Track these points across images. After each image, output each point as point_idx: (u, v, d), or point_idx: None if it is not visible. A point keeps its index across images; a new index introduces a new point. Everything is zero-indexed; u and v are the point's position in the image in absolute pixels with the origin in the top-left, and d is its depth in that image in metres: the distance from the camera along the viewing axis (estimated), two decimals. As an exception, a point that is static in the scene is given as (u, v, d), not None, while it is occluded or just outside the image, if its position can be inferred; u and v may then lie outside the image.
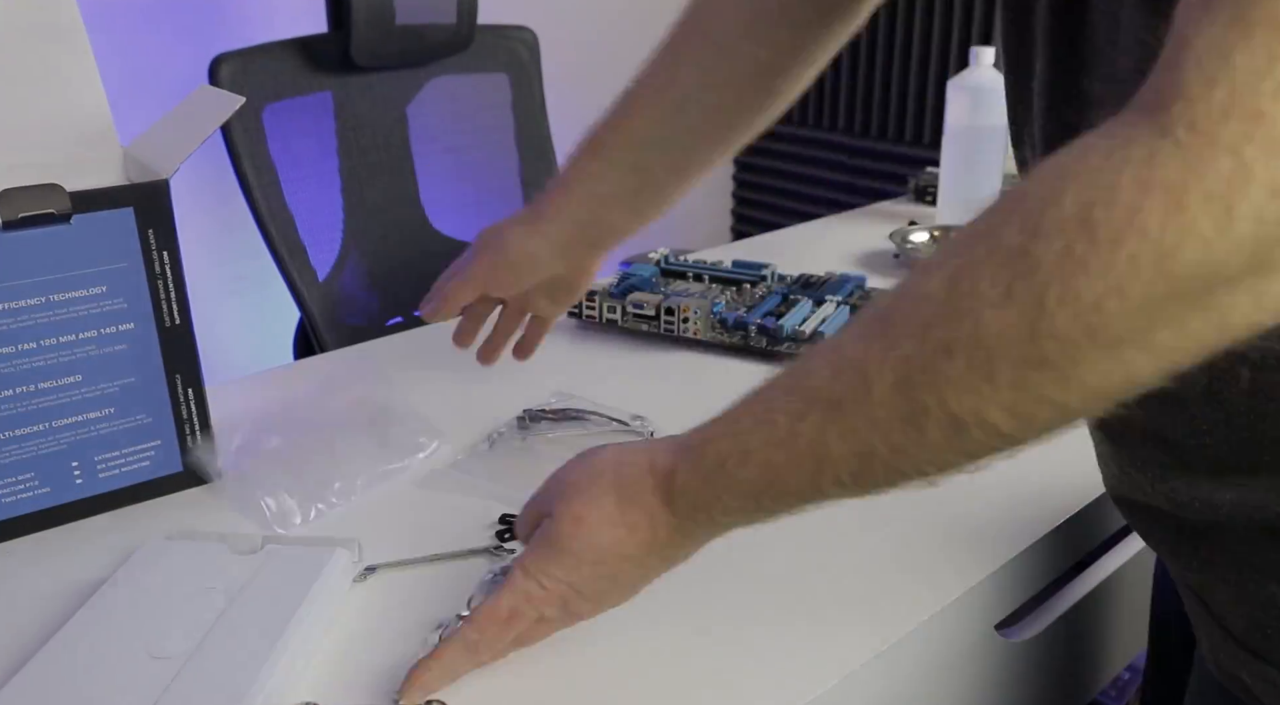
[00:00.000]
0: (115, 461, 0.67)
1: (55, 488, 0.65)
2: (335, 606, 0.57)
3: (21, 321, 0.61)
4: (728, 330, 0.91)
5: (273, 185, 1.19)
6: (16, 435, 0.62)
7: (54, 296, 0.62)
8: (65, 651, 0.52)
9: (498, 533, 0.64)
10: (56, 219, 0.60)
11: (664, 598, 0.58)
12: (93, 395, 0.65)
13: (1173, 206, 0.30)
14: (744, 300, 0.98)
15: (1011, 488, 0.70)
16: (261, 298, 1.55)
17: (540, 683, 0.52)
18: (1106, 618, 0.79)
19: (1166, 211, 0.30)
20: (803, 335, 0.88)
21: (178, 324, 0.67)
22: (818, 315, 0.92)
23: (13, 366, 0.61)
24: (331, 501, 0.67)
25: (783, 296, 0.97)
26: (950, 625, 0.59)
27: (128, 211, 0.63)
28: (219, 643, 0.52)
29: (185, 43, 1.63)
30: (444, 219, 1.36)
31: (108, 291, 0.64)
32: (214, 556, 0.59)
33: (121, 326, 0.65)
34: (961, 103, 1.23)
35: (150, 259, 0.64)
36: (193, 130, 0.65)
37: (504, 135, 1.41)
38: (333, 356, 0.97)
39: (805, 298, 0.96)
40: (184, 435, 0.69)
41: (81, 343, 0.63)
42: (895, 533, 0.64)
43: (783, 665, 0.53)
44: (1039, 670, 0.73)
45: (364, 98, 1.28)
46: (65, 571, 0.61)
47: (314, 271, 1.22)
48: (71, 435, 0.65)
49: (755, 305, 0.96)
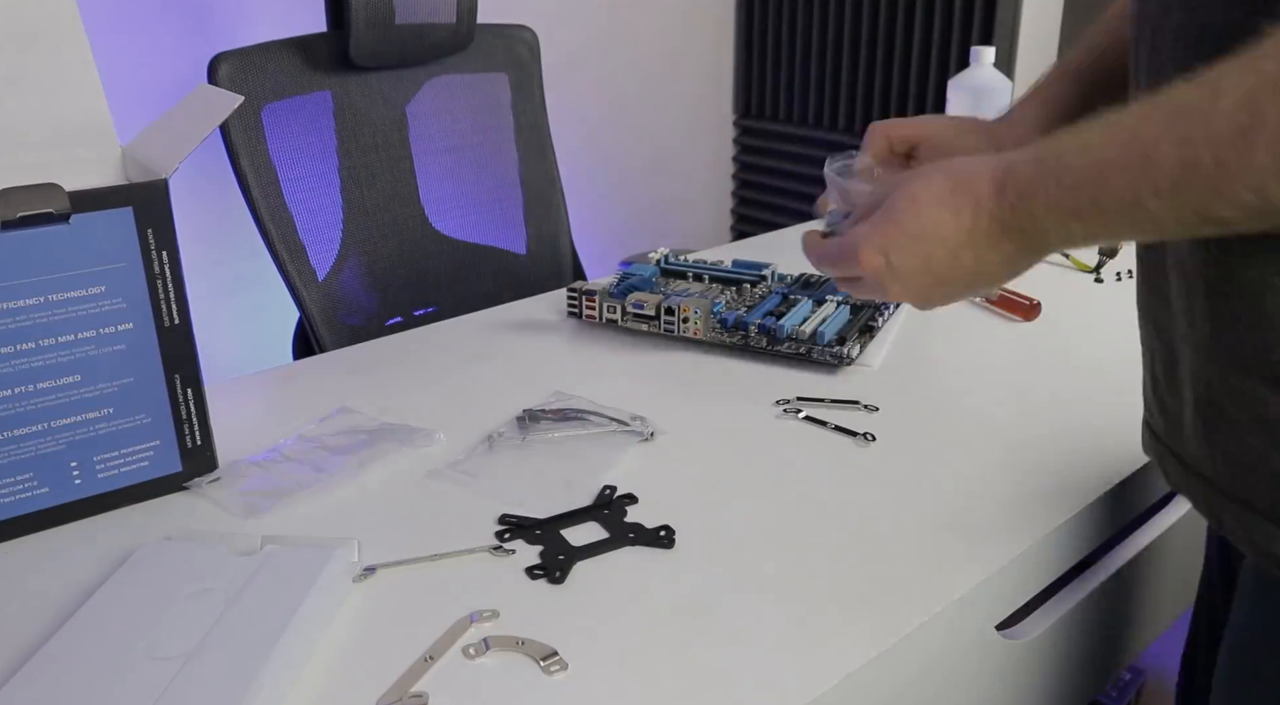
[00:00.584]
0: (114, 462, 0.67)
1: (54, 488, 0.65)
2: (334, 607, 0.57)
3: (20, 322, 0.61)
4: (727, 330, 0.91)
5: (272, 185, 1.19)
6: (15, 435, 0.62)
7: (53, 296, 0.62)
8: (64, 652, 0.51)
9: (497, 533, 0.64)
10: (55, 218, 0.60)
11: (664, 598, 0.58)
12: (92, 395, 0.65)
13: None
14: (744, 300, 0.98)
15: (1012, 488, 0.70)
16: (261, 297, 1.54)
17: (541, 682, 0.52)
18: (1107, 618, 0.79)
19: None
20: (803, 334, 0.88)
21: (177, 324, 0.66)
22: (818, 315, 0.92)
23: (11, 366, 0.61)
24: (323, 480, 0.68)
25: (783, 296, 0.97)
26: (950, 625, 0.59)
27: (127, 211, 0.63)
28: (218, 643, 0.52)
29: (184, 42, 1.63)
30: (444, 219, 1.36)
31: (107, 291, 0.63)
32: (213, 557, 0.59)
33: (120, 326, 0.65)
34: (961, 103, 1.23)
35: (149, 259, 0.64)
36: (192, 129, 0.65)
37: (504, 135, 1.41)
38: (332, 356, 0.96)
39: (805, 297, 0.96)
40: (183, 435, 0.69)
41: (80, 343, 0.63)
42: (895, 533, 0.64)
43: (783, 665, 0.53)
44: (1039, 670, 0.73)
45: (363, 97, 1.27)
46: (65, 571, 0.61)
47: (313, 271, 1.22)
48: (70, 435, 0.64)
49: (755, 305, 0.96)
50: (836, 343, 0.87)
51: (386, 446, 0.74)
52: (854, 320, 0.93)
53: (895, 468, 0.72)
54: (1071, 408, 0.81)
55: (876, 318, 0.94)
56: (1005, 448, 0.75)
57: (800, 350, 0.88)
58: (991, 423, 0.79)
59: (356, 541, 0.61)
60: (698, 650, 0.54)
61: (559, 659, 0.53)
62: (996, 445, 0.75)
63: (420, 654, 0.53)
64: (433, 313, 1.34)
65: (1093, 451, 0.74)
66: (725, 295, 0.99)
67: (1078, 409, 0.81)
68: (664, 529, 0.64)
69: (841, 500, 0.68)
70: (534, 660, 0.53)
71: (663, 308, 0.92)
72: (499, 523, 0.65)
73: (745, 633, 0.55)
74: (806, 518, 0.66)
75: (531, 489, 0.69)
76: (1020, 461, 0.73)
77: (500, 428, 0.77)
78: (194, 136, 0.65)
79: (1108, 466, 0.72)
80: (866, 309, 0.95)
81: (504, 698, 0.51)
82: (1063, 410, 0.80)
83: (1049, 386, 0.85)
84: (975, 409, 0.80)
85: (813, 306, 0.94)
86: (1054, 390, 0.84)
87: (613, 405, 0.79)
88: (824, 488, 0.70)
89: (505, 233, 1.42)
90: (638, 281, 1.01)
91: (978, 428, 0.78)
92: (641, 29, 2.28)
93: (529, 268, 1.43)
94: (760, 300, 0.97)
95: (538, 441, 0.75)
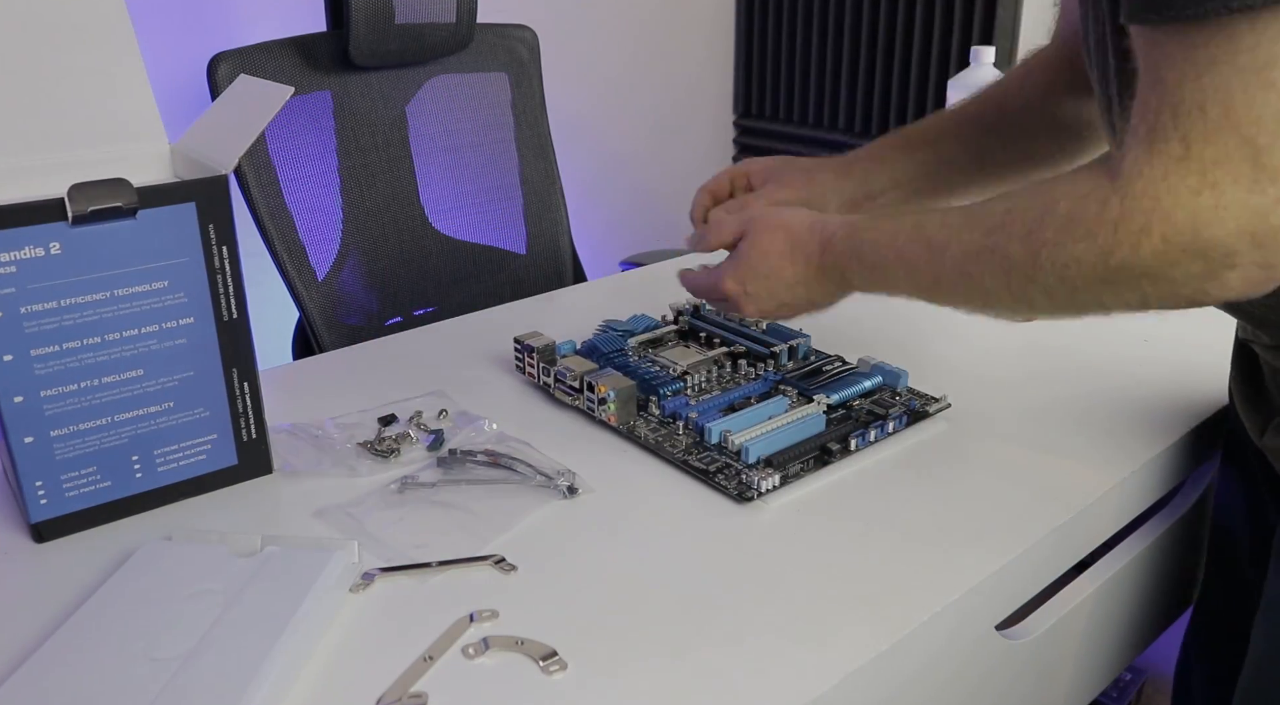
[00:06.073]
0: (174, 455, 0.67)
1: (116, 481, 0.65)
2: (334, 607, 0.57)
3: (87, 316, 0.61)
4: (654, 421, 0.76)
5: (272, 184, 1.19)
6: (80, 430, 0.63)
7: (118, 291, 0.62)
8: (63, 652, 0.51)
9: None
10: (123, 213, 0.61)
11: (665, 598, 0.58)
12: (153, 389, 0.65)
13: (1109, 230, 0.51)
14: (733, 380, 0.82)
15: (1011, 487, 0.70)
16: (260, 297, 1.54)
17: (540, 682, 0.52)
18: (1107, 618, 0.79)
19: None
20: (729, 445, 0.71)
21: (235, 318, 0.67)
22: (776, 421, 0.73)
23: (78, 361, 0.62)
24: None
25: (772, 385, 0.80)
26: (950, 625, 0.59)
27: (190, 207, 0.63)
28: (216, 644, 0.52)
29: (184, 42, 1.63)
30: (443, 218, 1.36)
31: (169, 286, 0.64)
32: (213, 557, 0.59)
33: (182, 321, 0.65)
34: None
35: (210, 254, 0.65)
36: (246, 123, 0.66)
37: (504, 134, 1.41)
38: (332, 356, 0.96)
39: (796, 389, 0.79)
40: (239, 429, 0.69)
41: (143, 337, 0.64)
42: (896, 533, 0.64)
43: (783, 665, 0.53)
44: (1039, 670, 0.73)
45: (363, 97, 1.27)
46: (65, 571, 0.61)
47: (313, 271, 1.22)
48: (133, 429, 0.65)
49: (727, 390, 0.80)
50: (759, 467, 0.69)
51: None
52: (814, 438, 0.72)
53: (895, 467, 0.72)
54: (1071, 407, 0.81)
55: (850, 440, 0.72)
56: (1004, 447, 0.75)
57: (710, 466, 0.70)
58: (991, 422, 0.78)
59: (355, 544, 0.61)
60: (698, 650, 0.54)
61: (559, 659, 0.53)
62: (995, 445, 0.75)
63: (419, 654, 0.53)
64: (433, 313, 1.34)
65: (1092, 451, 0.74)
66: (714, 372, 0.83)
67: (1077, 408, 0.81)
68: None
69: (842, 500, 0.68)
70: (533, 660, 0.53)
71: (585, 382, 0.78)
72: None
73: (745, 632, 0.55)
74: (805, 517, 0.66)
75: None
76: (1020, 461, 0.73)
77: (422, 468, 0.72)
78: (250, 130, 0.65)
79: (1107, 466, 0.72)
80: (848, 423, 0.75)
81: (503, 698, 0.51)
82: (1062, 410, 0.80)
83: (1049, 386, 0.85)
84: (974, 408, 0.80)
85: (788, 405, 0.76)
86: (1054, 390, 0.84)
87: (550, 454, 0.73)
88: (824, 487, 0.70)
89: (505, 233, 1.42)
90: (616, 338, 0.87)
91: (976, 427, 0.78)
92: (641, 29, 2.28)
93: (529, 268, 1.43)
94: (741, 383, 0.81)
95: (449, 484, 0.70)
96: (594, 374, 0.78)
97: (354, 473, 0.71)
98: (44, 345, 0.60)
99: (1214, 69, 0.46)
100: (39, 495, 0.63)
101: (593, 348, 0.86)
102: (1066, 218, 0.53)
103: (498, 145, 1.40)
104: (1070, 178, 0.55)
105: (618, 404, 0.76)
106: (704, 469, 0.70)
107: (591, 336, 0.89)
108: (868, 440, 0.74)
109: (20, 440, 0.61)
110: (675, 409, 0.76)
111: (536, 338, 0.84)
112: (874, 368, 0.82)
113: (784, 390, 0.79)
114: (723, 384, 0.82)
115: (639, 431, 0.75)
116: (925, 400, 0.79)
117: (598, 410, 0.77)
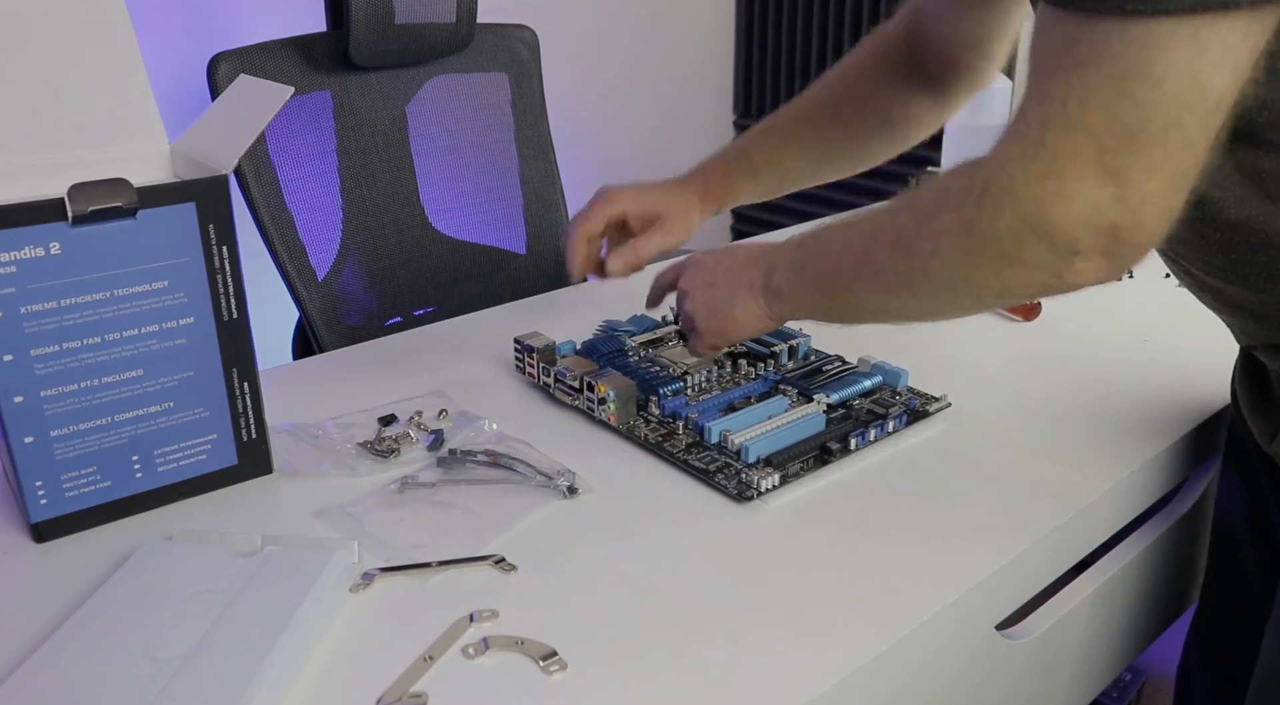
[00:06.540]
0: (174, 455, 0.67)
1: (116, 481, 0.65)
2: (334, 607, 0.57)
3: (87, 316, 0.61)
4: (654, 421, 0.76)
5: (272, 184, 1.19)
6: (80, 430, 0.63)
7: (118, 291, 0.62)
8: (63, 651, 0.51)
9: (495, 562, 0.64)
10: (123, 213, 0.61)
11: (664, 598, 0.58)
12: (154, 389, 0.65)
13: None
14: (732, 379, 0.82)
15: (1011, 487, 0.70)
16: (260, 297, 1.54)
17: (540, 682, 0.52)
18: (1107, 618, 0.79)
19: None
20: (729, 445, 0.71)
21: (235, 318, 0.67)
22: (776, 421, 0.73)
23: (79, 361, 0.62)
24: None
25: (772, 385, 0.80)
26: (950, 625, 0.59)
27: (190, 207, 0.63)
28: (216, 644, 0.52)
29: (184, 42, 1.63)
30: (443, 218, 1.36)
31: (169, 286, 0.64)
32: (213, 557, 0.59)
33: (182, 321, 0.65)
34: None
35: (210, 253, 0.65)
36: (246, 123, 0.66)
37: (504, 134, 1.41)
38: (332, 356, 0.96)
39: (796, 389, 0.79)
40: (239, 429, 0.69)
41: (143, 337, 0.64)
42: (895, 533, 0.64)
43: (783, 665, 0.53)
44: (1039, 670, 0.73)
45: (363, 97, 1.27)
46: (65, 571, 0.61)
47: (313, 271, 1.22)
48: (133, 429, 0.65)
49: (727, 390, 0.79)
50: (759, 466, 0.69)
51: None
52: (814, 438, 0.72)
53: (894, 467, 0.72)
54: (1071, 407, 0.81)
55: (850, 439, 0.72)
56: (1004, 447, 0.75)
57: (709, 466, 0.70)
58: (991, 422, 0.79)
59: (355, 544, 0.61)
60: (698, 650, 0.54)
61: (558, 659, 0.53)
62: (995, 444, 0.75)
63: (419, 654, 0.53)
64: (433, 313, 1.34)
65: (1092, 451, 0.74)
66: (714, 372, 0.82)
67: (1077, 408, 0.81)
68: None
69: (841, 499, 0.68)
70: (533, 660, 0.53)
71: (585, 381, 0.78)
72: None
73: (745, 632, 0.55)
74: (806, 517, 0.66)
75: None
76: (1019, 461, 0.73)
77: (422, 468, 0.73)
78: (250, 130, 0.65)
79: (1107, 466, 0.72)
80: (848, 423, 0.75)
81: (503, 697, 0.51)
82: (1062, 410, 0.80)
83: (1049, 386, 0.85)
84: (974, 408, 0.80)
85: (788, 405, 0.76)
86: (1054, 389, 0.84)
87: (550, 454, 0.73)
88: (824, 486, 0.70)
89: (505, 233, 1.42)
90: (616, 338, 0.87)
91: (976, 427, 0.78)
92: (641, 29, 2.28)
93: (529, 268, 1.43)
94: (741, 383, 0.81)
95: (449, 485, 0.70)
96: (594, 374, 0.78)
97: (354, 473, 0.71)
98: (44, 345, 0.60)
99: (1082, 67, 0.49)
100: (39, 495, 0.63)
101: (593, 348, 0.86)
102: (943, 189, 0.56)
103: (498, 145, 1.40)
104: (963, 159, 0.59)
105: (618, 404, 0.76)
106: (704, 469, 0.70)
107: (591, 336, 0.89)
108: (867, 440, 0.74)
109: (20, 440, 0.61)
110: (675, 409, 0.76)
111: (536, 338, 0.84)
112: (874, 367, 0.82)
113: (784, 390, 0.79)
114: (722, 384, 0.82)
115: (639, 431, 0.75)
116: (925, 400, 0.79)
117: (598, 410, 0.77)
